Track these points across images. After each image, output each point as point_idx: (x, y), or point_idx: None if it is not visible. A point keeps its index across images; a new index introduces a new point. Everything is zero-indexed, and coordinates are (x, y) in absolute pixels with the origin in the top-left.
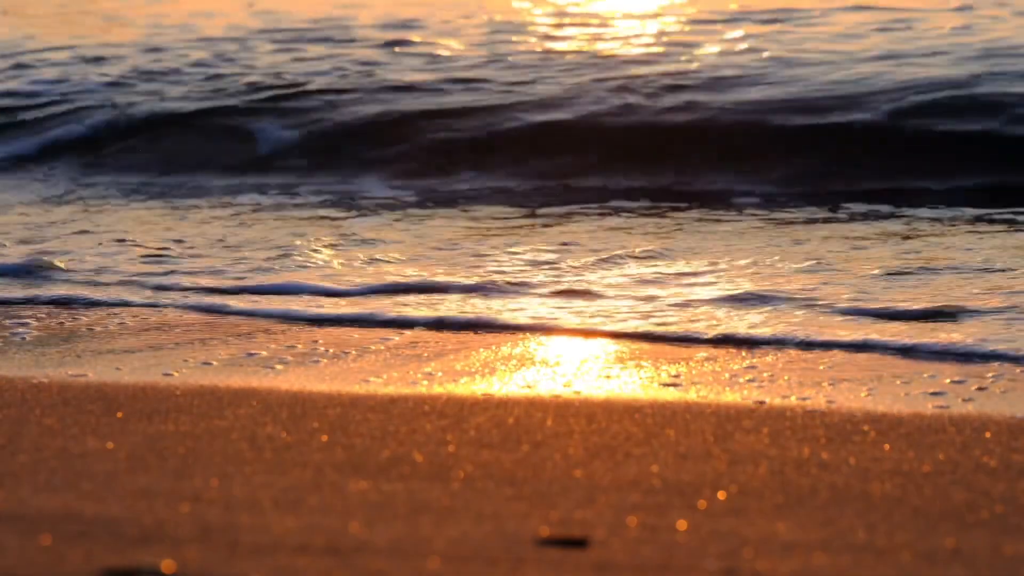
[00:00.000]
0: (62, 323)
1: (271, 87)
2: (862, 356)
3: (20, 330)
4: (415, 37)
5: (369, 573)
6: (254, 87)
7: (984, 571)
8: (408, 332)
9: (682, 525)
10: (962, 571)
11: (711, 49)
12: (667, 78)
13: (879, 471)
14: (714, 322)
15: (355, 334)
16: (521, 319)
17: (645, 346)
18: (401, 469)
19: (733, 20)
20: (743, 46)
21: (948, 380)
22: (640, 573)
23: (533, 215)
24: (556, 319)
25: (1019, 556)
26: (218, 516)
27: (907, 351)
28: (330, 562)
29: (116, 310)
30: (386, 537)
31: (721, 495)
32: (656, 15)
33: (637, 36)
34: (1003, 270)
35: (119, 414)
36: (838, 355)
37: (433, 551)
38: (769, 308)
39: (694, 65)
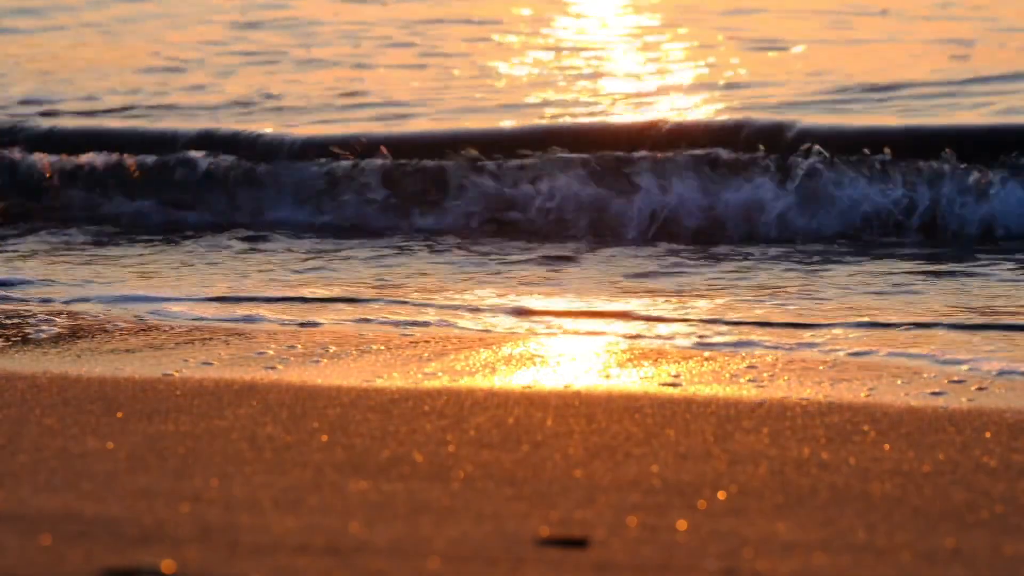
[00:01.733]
0: (62, 323)
1: None
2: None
3: (20, 331)
4: None
5: (369, 573)
6: None
7: (984, 571)
8: (409, 332)
9: (682, 525)
10: (962, 571)
11: None
12: None
13: (879, 471)
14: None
15: (356, 334)
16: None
17: (642, 344)
18: (401, 469)
19: None
20: None
21: (948, 380)
22: (640, 573)
23: None
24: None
25: (1019, 556)
26: (218, 516)
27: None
28: (330, 562)
29: (116, 311)
30: (386, 537)
31: (721, 495)
32: None
33: None
34: None
35: (119, 414)
36: (841, 356)
37: (433, 551)
38: None
39: None
